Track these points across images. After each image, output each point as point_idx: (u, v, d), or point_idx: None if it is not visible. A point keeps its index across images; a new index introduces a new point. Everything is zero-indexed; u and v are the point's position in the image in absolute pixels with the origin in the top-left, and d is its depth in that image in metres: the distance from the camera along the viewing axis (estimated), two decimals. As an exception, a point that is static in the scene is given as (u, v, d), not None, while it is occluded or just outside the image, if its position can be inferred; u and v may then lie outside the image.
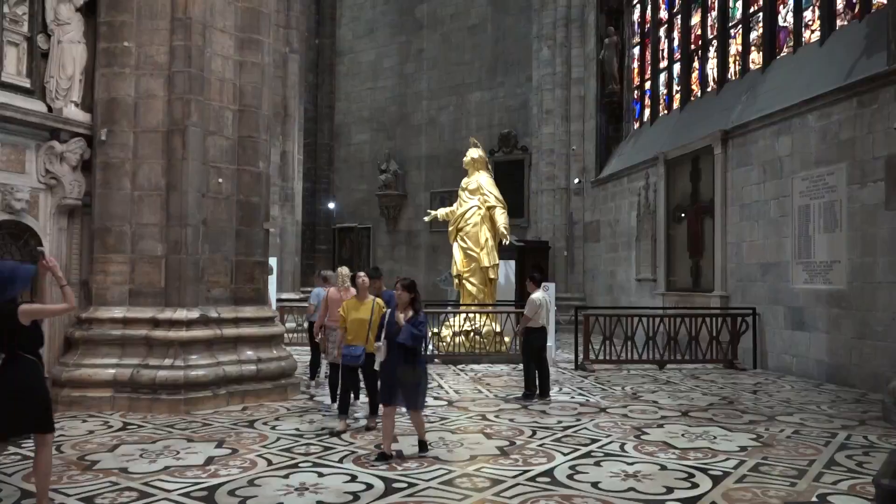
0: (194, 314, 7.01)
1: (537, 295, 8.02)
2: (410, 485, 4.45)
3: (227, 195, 7.47)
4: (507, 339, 11.33)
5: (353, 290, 7.41)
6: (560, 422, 6.51)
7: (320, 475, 4.67)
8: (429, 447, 5.31)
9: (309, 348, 9.01)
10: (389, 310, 5.37)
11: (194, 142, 7.12)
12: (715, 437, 5.89)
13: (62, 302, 3.96)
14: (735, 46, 12.73)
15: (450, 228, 12.21)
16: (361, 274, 6.26)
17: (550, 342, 9.92)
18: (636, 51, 16.78)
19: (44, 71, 7.02)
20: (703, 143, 12.02)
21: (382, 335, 5.28)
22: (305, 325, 10.01)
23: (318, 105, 23.57)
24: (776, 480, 4.64)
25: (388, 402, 5.20)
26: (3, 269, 3.88)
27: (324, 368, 8.57)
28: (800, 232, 9.66)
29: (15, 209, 6.71)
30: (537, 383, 7.90)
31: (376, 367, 5.59)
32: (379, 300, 6.12)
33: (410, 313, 5.23)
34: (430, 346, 11.42)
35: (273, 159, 12.68)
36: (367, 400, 6.50)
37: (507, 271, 13.06)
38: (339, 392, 6.28)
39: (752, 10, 12.18)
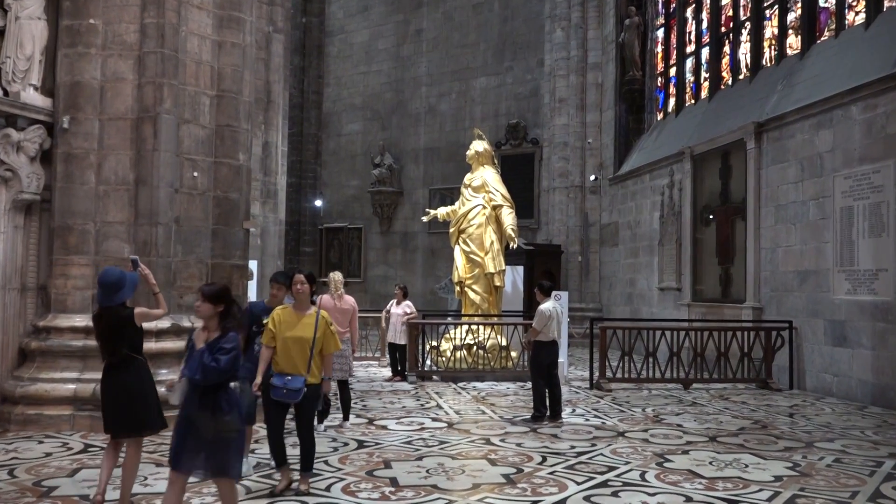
0: (164, 323, 7.00)
1: (547, 305, 8.02)
2: (406, 516, 4.43)
3: (202, 191, 7.47)
4: (513, 353, 11.32)
5: (348, 298, 7.43)
6: (573, 447, 6.50)
7: (305, 505, 4.65)
8: None
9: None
10: (198, 328, 4.09)
11: (167, 131, 7.12)
12: (746, 466, 5.88)
13: (157, 308, 4.82)
14: (770, 29, 12.75)
15: (451, 230, 12.21)
16: (300, 277, 4.99)
17: (562, 358, 9.92)
18: (660, 33, 16.81)
19: (-1, 50, 7.04)
20: (735, 136, 12.03)
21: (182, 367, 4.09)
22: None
23: (304, 91, 23.61)
24: (815, 515, 4.63)
25: (176, 464, 3.89)
26: (112, 275, 4.65)
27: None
28: (842, 237, 9.66)
29: (-35, 204, 6.71)
30: (547, 404, 7.89)
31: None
32: (325, 313, 5.05)
33: (217, 334, 3.92)
34: (428, 361, 11.43)
35: (254, 151, 12.67)
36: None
37: (514, 278, 13.06)
38: (269, 438, 5.11)
39: (789, -12, 12.22)
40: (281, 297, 5.39)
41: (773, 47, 12.66)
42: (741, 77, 13.48)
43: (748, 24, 13.32)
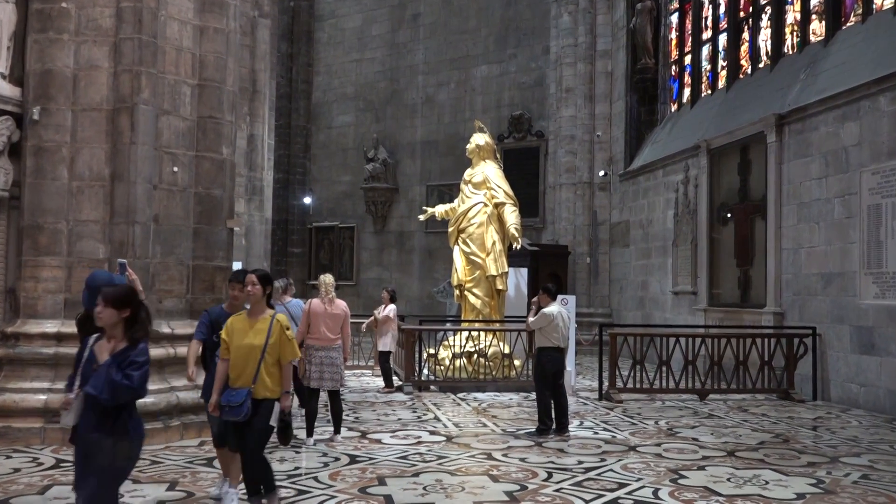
0: (142, 329, 6.99)
1: (552, 309, 8.04)
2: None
3: (183, 187, 7.47)
4: (517, 362, 11.32)
5: (340, 303, 7.44)
6: (581, 462, 6.51)
7: (293, 524, 4.65)
8: None
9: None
10: (95, 337, 3.77)
11: (145, 123, 7.12)
12: (767, 483, 5.89)
13: None
14: (792, 14, 12.77)
15: (450, 229, 12.21)
16: (252, 278, 4.79)
17: (569, 367, 9.92)
18: (674, 18, 16.83)
19: (-35, 36, 7.04)
20: (754, 129, 12.04)
21: (76, 382, 3.72)
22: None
23: (292, 80, 23.62)
24: (841, 535, 4.64)
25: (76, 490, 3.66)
26: (100, 278, 4.72)
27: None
28: (869, 237, 9.67)
29: (-72, 201, 6.71)
30: (553, 416, 7.89)
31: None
32: (282, 317, 4.79)
33: (123, 344, 3.61)
34: (426, 370, 11.42)
35: (239, 144, 12.71)
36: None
37: (517, 281, 13.05)
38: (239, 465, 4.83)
39: (813, -30, 12.25)
40: (242, 301, 5.11)
41: (795, 34, 12.68)
42: (761, 66, 13.50)
43: (768, 9, 13.34)
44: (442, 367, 11.24)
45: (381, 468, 6.15)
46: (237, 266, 12.62)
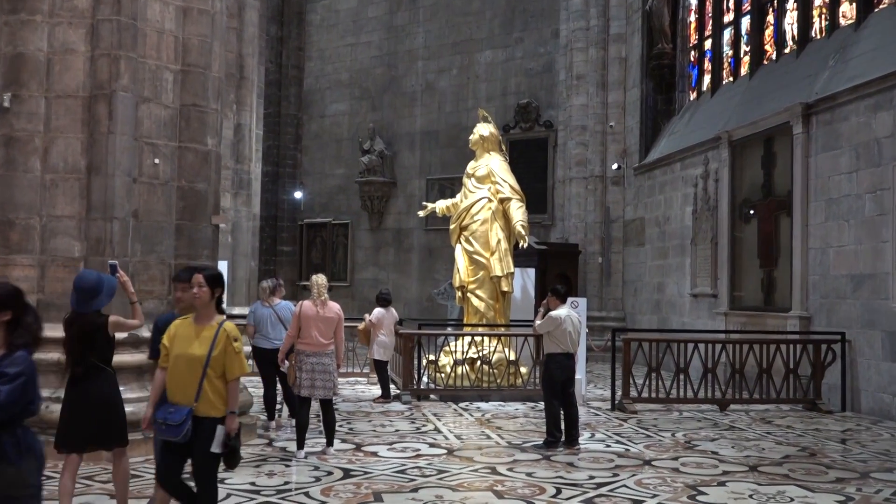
0: (121, 333, 6.99)
1: (561, 312, 8.04)
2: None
3: (165, 180, 7.47)
4: (523, 369, 11.33)
5: (333, 305, 7.45)
6: (592, 477, 6.51)
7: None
8: None
9: (260, 379, 9.03)
10: None
11: (124, 111, 7.12)
12: (792, 500, 5.89)
13: (133, 318, 5.29)
14: (821, -5, 12.76)
15: (451, 226, 12.22)
16: (199, 278, 4.44)
17: (580, 374, 9.93)
18: (693, 0, 16.81)
19: (-69, 17, 7.04)
20: (779, 119, 12.04)
21: None
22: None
23: (282, 65, 23.63)
24: (871, 556, 4.64)
25: None
26: (89, 278, 5.04)
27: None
28: (903, 235, 9.67)
29: None
30: (562, 427, 7.90)
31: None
32: (230, 326, 4.44)
33: (2, 352, 3.35)
34: (425, 378, 11.43)
35: (225, 135, 12.69)
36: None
37: (524, 282, 13.05)
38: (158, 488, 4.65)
39: (843, -52, 12.23)
40: (187, 303, 4.88)
41: (823, 17, 12.66)
42: (787, 51, 13.49)
43: (795, -10, 13.33)
44: (443, 375, 11.25)
45: (376, 483, 6.15)
46: (223, 266, 12.66)
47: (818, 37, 12.72)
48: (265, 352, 8.65)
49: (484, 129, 12.37)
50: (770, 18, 14.17)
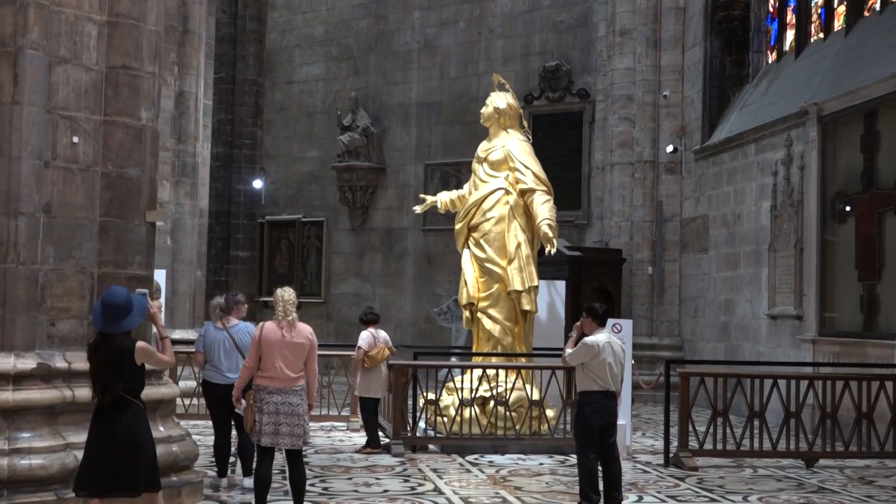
0: (27, 363, 6.96)
1: (599, 338, 8.01)
2: None
3: (86, 165, 7.45)
4: (549, 412, 11.29)
5: (303, 328, 7.42)
6: (640, 554, 6.48)
7: None
8: None
9: (211, 424, 9.01)
10: None
11: (33, 75, 7.10)
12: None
13: (164, 354, 5.88)
14: (938, -72, 12.74)
15: (457, 226, 12.19)
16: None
17: (623, 419, 9.89)
18: (772, -67, 16.82)
19: None
20: (885, 88, 12.01)
21: None
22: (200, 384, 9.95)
23: (238, 16, 23.65)
24: None
25: None
26: (118, 294, 5.63)
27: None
28: None
29: None
30: (601, 488, 7.86)
31: None
32: None
33: None
34: (422, 424, 11.40)
35: (164, 106, 12.70)
36: None
37: (551, 299, 12.98)
38: None
39: None
40: None
41: (942, -45, 12.63)
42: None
43: (905, -79, 13.31)
44: (445, 420, 11.20)
45: (359, 560, 6.12)
46: (160, 276, 12.64)
47: (935, -18, 12.71)
48: (217, 388, 8.63)
49: (500, 100, 12.33)
50: (872, -42, 14.16)
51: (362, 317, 11.40)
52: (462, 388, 11.34)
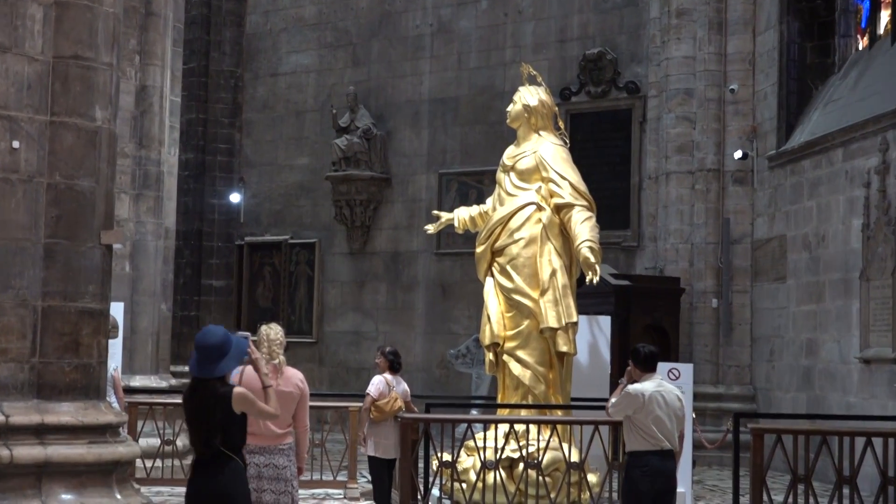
0: (-42, 415, 6.99)
1: (647, 386, 7.97)
2: None
3: (28, 175, 7.48)
4: (592, 477, 11.25)
5: (293, 374, 7.41)
6: None
7: None
8: None
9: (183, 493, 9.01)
10: None
11: (-35, 66, 7.16)
12: None
13: (267, 404, 6.21)
14: None
15: (479, 249, 12.19)
16: None
17: (682, 486, 9.84)
18: None
19: None
20: None
21: None
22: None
23: (212, -3, 23.81)
24: None
25: None
26: (213, 335, 6.03)
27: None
28: None
29: None
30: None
31: None
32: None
33: None
34: (436, 491, 11.36)
35: (122, 104, 12.76)
36: None
37: (594, 339, 12.97)
38: None
39: None
40: None
41: None
42: None
43: None
44: (464, 485, 11.18)
45: None
46: (118, 309, 12.64)
47: None
48: None
49: (530, 96, 12.37)
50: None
51: (386, 354, 11.11)
52: (485, 448, 11.30)
